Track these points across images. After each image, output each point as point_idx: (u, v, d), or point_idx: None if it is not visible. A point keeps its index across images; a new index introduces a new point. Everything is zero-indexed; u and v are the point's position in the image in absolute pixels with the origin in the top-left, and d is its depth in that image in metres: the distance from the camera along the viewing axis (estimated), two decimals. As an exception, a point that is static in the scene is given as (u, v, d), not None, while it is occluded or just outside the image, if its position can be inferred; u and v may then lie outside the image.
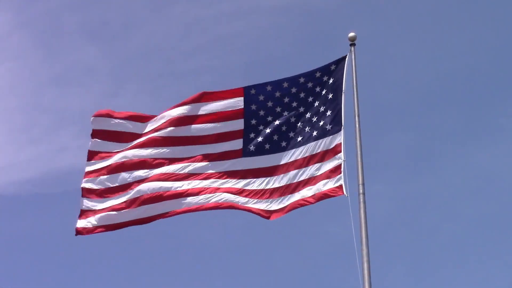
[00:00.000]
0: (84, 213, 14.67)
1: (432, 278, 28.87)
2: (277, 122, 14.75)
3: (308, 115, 14.69)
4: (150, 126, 15.09)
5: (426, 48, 35.24)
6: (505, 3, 34.34)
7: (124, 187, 14.72)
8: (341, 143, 13.99)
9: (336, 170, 13.77)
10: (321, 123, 14.44)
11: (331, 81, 14.67)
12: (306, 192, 13.89)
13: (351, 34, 14.80)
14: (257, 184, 14.35)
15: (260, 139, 14.71)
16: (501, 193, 31.19)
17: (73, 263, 31.70)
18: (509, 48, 34.31)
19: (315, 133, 14.42)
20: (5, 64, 35.80)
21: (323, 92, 14.68)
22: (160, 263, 30.40)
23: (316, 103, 14.68)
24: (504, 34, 34.54)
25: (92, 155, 15.09)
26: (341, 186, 13.56)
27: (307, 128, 14.58)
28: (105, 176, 14.84)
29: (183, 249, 31.27)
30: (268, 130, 14.74)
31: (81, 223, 14.58)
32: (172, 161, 14.75)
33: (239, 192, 14.31)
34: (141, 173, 14.71)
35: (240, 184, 14.38)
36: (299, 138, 14.54)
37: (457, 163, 32.94)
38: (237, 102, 14.88)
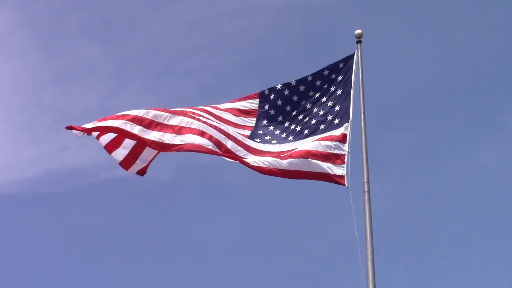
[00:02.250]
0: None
1: (434, 277, 28.82)
2: (285, 120, 14.85)
3: (315, 109, 14.71)
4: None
5: (428, 47, 35.23)
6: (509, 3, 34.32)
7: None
8: (347, 133, 13.85)
9: (339, 157, 13.61)
10: (329, 117, 14.42)
11: (339, 78, 14.71)
12: (310, 163, 13.61)
13: (358, 31, 14.75)
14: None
15: (266, 135, 14.70)
16: (505, 191, 31.11)
17: (73, 262, 31.66)
18: (512, 47, 34.27)
19: (322, 126, 14.39)
20: (6, 63, 35.77)
21: (332, 89, 14.72)
22: (160, 263, 30.34)
23: (324, 99, 14.73)
24: (508, 33, 34.49)
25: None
26: (343, 176, 13.42)
27: (313, 121, 14.55)
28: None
29: (183, 249, 31.21)
30: (272, 128, 14.79)
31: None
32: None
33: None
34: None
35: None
36: (306, 131, 14.49)
37: (460, 162, 32.87)
38: (252, 103, 15.07)
